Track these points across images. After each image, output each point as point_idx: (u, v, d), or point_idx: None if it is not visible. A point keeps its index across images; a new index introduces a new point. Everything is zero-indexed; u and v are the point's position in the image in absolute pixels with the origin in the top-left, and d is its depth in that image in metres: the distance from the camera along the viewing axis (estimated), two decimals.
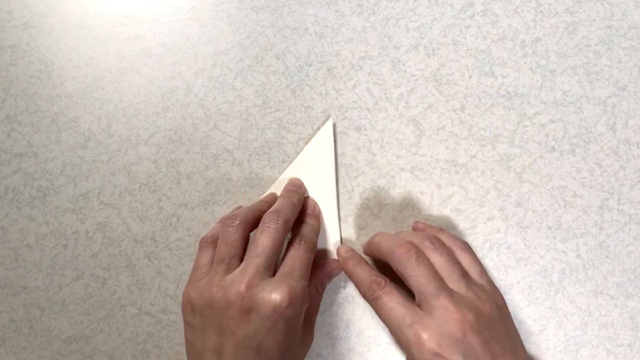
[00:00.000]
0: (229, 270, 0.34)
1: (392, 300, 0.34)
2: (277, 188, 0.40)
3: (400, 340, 0.33)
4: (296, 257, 0.35)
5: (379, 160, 0.41)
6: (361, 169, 0.41)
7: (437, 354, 0.31)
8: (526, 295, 0.39)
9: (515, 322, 0.37)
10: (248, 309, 0.31)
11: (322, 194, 0.40)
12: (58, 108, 0.43)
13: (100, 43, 0.43)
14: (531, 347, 0.39)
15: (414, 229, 0.39)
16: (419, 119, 0.41)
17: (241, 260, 0.34)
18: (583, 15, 0.41)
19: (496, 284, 0.39)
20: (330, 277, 0.39)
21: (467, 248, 0.37)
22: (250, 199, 0.41)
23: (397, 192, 0.40)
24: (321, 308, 0.40)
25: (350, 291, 0.40)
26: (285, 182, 0.40)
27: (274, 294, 0.31)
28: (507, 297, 0.39)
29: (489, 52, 0.41)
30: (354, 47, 0.42)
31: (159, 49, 0.43)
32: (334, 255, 0.40)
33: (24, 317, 0.41)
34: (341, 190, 0.41)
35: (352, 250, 0.38)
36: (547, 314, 0.39)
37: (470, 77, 0.41)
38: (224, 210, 0.41)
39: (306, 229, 0.37)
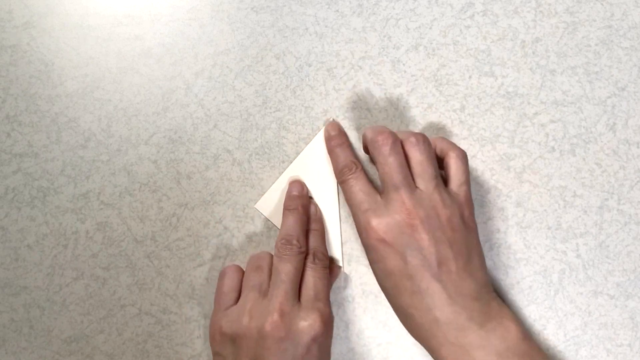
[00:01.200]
0: (260, 296, 0.34)
1: (357, 185, 0.35)
2: (278, 188, 0.40)
3: (356, 224, 0.35)
4: (317, 278, 0.36)
5: None
6: None
7: (382, 240, 0.32)
8: (526, 295, 0.39)
9: None
10: (282, 338, 0.32)
11: (322, 194, 0.40)
12: (58, 108, 0.43)
13: (100, 43, 0.43)
14: None
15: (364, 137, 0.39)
16: (419, 119, 0.41)
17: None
18: (583, 16, 0.41)
19: (496, 284, 0.39)
20: (330, 282, 0.39)
21: (463, 158, 0.36)
22: (250, 199, 0.41)
23: None
24: None
25: (350, 291, 0.40)
26: (285, 183, 0.40)
27: (308, 322, 0.33)
28: (507, 297, 0.39)
29: (489, 52, 0.41)
30: (354, 47, 0.42)
31: (159, 49, 0.43)
32: (336, 254, 0.40)
33: (24, 317, 0.41)
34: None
35: (340, 129, 0.39)
36: (547, 314, 0.39)
37: (470, 77, 0.41)
38: (224, 210, 0.41)
39: (314, 240, 0.38)
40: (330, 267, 0.38)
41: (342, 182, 0.36)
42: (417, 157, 0.34)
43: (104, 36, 0.43)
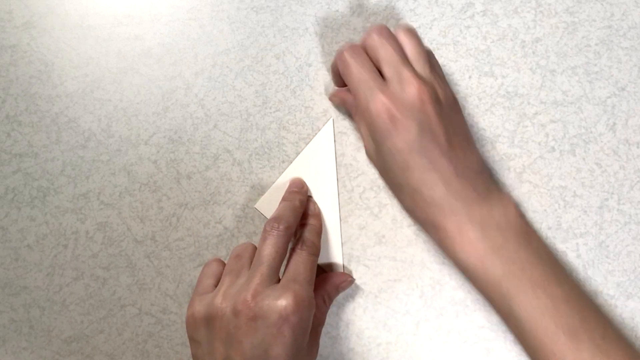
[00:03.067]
0: (237, 279, 0.34)
1: (362, 63, 0.35)
2: (278, 188, 0.40)
3: (361, 108, 0.35)
4: (300, 262, 0.35)
5: None
6: (361, 169, 0.41)
7: (394, 117, 0.33)
8: None
9: None
10: (254, 317, 0.31)
11: (323, 194, 0.40)
12: (58, 108, 0.43)
13: (100, 43, 0.43)
14: None
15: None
16: None
17: None
18: (583, 16, 0.41)
19: None
20: (338, 290, 0.39)
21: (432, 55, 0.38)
22: (250, 199, 0.41)
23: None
24: None
25: (350, 291, 0.40)
26: (285, 183, 0.40)
27: (279, 300, 0.31)
28: None
29: (488, 52, 0.41)
30: None
31: (159, 49, 0.43)
32: (337, 254, 0.40)
33: (24, 317, 0.41)
34: (341, 190, 0.41)
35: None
36: None
37: (470, 77, 0.41)
38: (224, 210, 0.41)
39: (307, 232, 0.37)
40: (339, 278, 0.38)
41: (344, 64, 0.35)
42: (408, 43, 0.35)
43: (104, 36, 0.43)
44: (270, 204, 0.40)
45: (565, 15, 0.41)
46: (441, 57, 0.41)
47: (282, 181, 0.41)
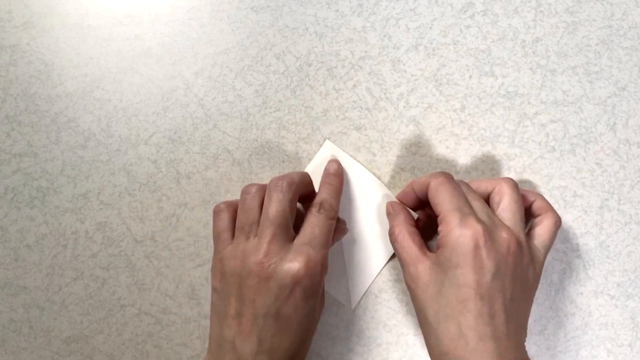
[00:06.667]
0: (249, 238, 0.34)
1: (459, 193, 0.34)
2: None
3: (448, 223, 0.32)
4: (316, 225, 0.34)
5: (379, 160, 0.41)
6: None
7: (479, 247, 0.31)
8: None
9: None
10: (267, 277, 0.32)
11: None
12: (58, 108, 0.42)
13: (100, 43, 0.43)
14: (532, 348, 0.39)
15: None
16: (419, 119, 0.41)
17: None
18: (583, 15, 0.41)
19: None
20: (333, 240, 0.38)
21: (558, 225, 0.35)
22: None
23: (397, 192, 0.40)
24: None
25: None
26: None
27: (293, 263, 0.32)
28: None
29: (489, 52, 0.41)
30: (354, 47, 0.42)
31: (159, 49, 0.43)
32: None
33: (23, 317, 0.41)
34: None
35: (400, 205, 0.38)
36: (547, 314, 0.39)
37: (470, 77, 0.41)
38: None
39: (326, 192, 0.36)
40: (337, 226, 0.37)
41: (437, 182, 0.34)
42: (515, 196, 0.34)
43: (104, 36, 0.43)
44: None
45: (566, 15, 0.41)
46: (441, 57, 0.41)
47: None
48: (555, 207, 0.40)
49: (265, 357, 0.32)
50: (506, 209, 0.34)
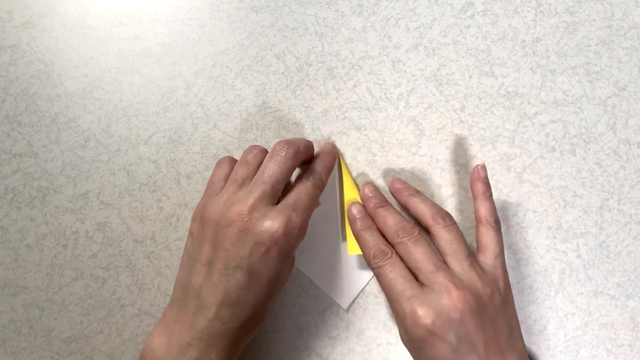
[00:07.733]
0: (238, 190, 0.34)
1: (394, 271, 0.34)
2: None
3: (397, 312, 0.34)
4: (303, 191, 0.35)
5: (379, 160, 0.41)
6: (361, 169, 0.41)
7: (431, 332, 0.32)
8: (526, 295, 0.39)
9: None
10: (245, 230, 0.32)
11: (324, 200, 0.40)
12: (58, 108, 0.42)
13: (100, 43, 0.43)
14: (531, 347, 0.39)
15: (392, 188, 0.39)
16: (419, 119, 0.41)
17: None
18: (583, 15, 0.41)
19: None
20: (329, 171, 0.38)
21: (497, 228, 0.36)
22: None
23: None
24: (321, 308, 0.40)
25: None
26: None
27: (273, 222, 0.32)
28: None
29: (489, 52, 0.41)
30: (354, 47, 0.42)
31: (159, 49, 0.43)
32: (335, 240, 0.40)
33: (23, 317, 0.41)
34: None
35: (363, 211, 0.38)
36: (547, 314, 0.39)
37: (470, 77, 0.41)
38: None
39: (318, 165, 0.37)
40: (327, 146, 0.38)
41: (377, 267, 0.35)
42: (447, 237, 0.35)
43: (104, 36, 0.43)
44: None
45: (566, 15, 0.41)
46: (441, 57, 0.41)
47: None
48: (555, 207, 0.40)
49: (228, 309, 0.32)
50: (449, 253, 0.34)
